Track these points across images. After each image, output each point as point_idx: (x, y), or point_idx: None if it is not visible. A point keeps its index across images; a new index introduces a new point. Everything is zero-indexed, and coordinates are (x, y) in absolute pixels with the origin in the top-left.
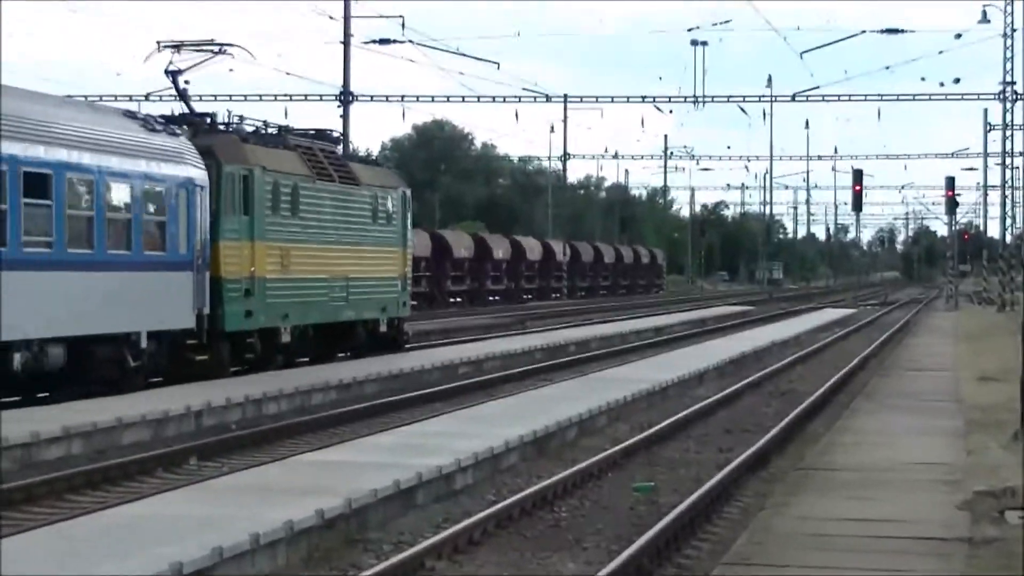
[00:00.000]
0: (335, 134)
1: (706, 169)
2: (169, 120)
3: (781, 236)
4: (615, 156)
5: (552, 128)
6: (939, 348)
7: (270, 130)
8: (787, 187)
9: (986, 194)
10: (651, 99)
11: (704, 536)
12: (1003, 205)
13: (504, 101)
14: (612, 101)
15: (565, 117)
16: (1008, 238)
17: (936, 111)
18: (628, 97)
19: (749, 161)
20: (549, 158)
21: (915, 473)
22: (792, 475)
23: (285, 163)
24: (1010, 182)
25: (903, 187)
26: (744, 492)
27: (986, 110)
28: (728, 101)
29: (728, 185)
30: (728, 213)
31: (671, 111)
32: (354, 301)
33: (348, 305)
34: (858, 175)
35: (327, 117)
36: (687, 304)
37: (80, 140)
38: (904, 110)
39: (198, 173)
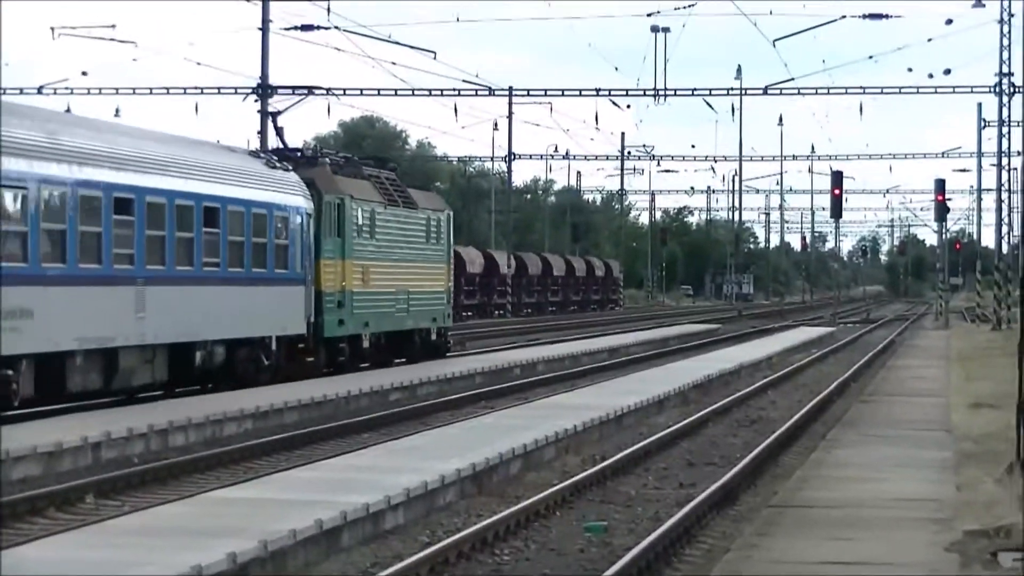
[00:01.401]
0: (391, 164)
1: (668, 171)
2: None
3: (751, 246)
4: (566, 156)
5: (496, 125)
6: (927, 371)
7: (334, 158)
8: (758, 191)
9: (980, 198)
10: (606, 92)
11: None
12: (999, 211)
13: (442, 95)
14: (562, 95)
15: (510, 113)
16: (1004, 248)
17: (925, 106)
18: (580, 90)
19: (716, 162)
20: (492, 158)
21: (900, 510)
22: (763, 513)
23: (365, 191)
24: (1007, 185)
25: (888, 191)
26: (709, 532)
27: (980, 104)
28: (692, 95)
29: (692, 189)
30: (692, 220)
31: (628, 106)
32: (413, 312)
33: (409, 315)
34: (837, 177)
35: (242, 112)
36: (646, 322)
37: (234, 179)
38: (889, 105)
39: (307, 203)
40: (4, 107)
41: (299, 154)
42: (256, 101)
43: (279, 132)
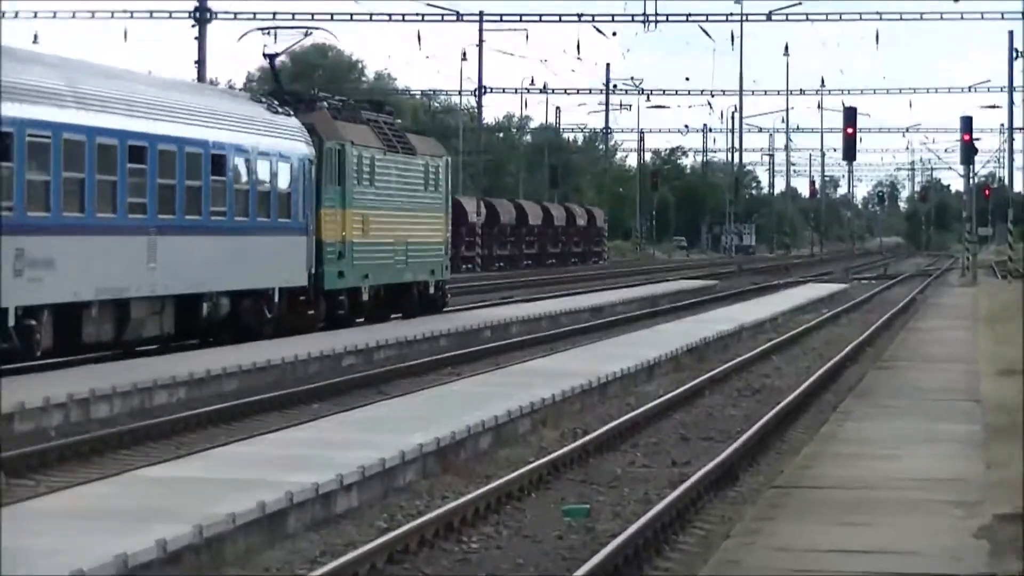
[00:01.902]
0: (387, 108)
1: (659, 107)
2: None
3: (753, 192)
4: (543, 90)
5: (464, 55)
6: (952, 333)
7: (332, 102)
8: (761, 129)
9: (1011, 138)
10: (589, 18)
11: (653, 574)
12: None
13: (403, 20)
14: (540, 20)
15: (480, 41)
16: None
17: (949, 34)
18: (560, 16)
19: (713, 97)
20: (460, 92)
21: (921, 492)
22: (767, 495)
23: (364, 137)
24: None
25: (907, 130)
26: (705, 517)
27: (1011, 32)
28: (687, 21)
29: (687, 127)
30: (687, 162)
31: (614, 33)
32: (412, 264)
33: (408, 267)
34: (851, 114)
35: (178, 38)
36: (634, 277)
37: (239, 125)
38: (909, 33)
39: (308, 149)
40: (25, 54)
41: (297, 98)
42: (193, 27)
43: (276, 75)
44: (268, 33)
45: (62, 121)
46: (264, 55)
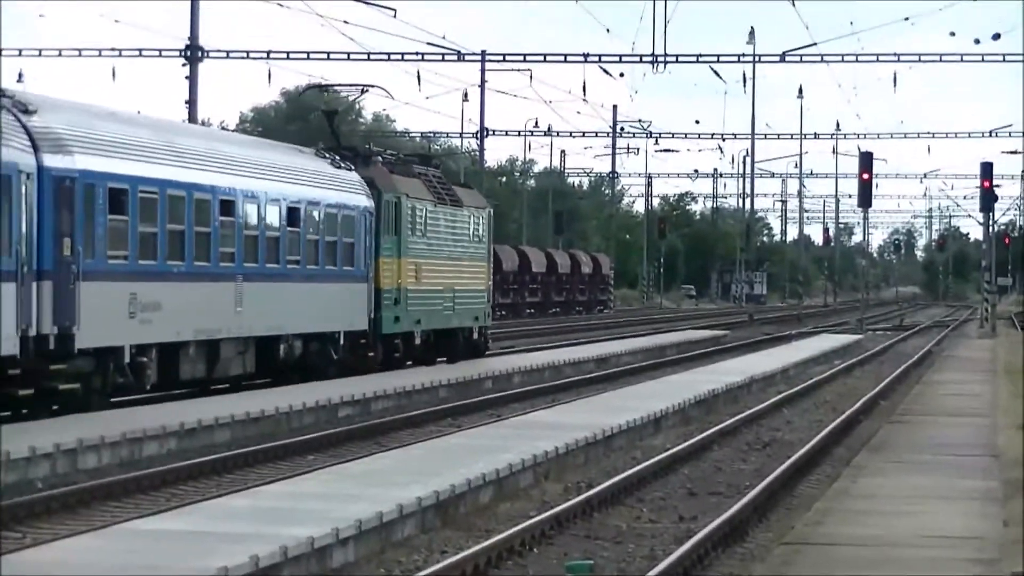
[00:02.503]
0: (435, 161)
1: (667, 150)
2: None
3: (765, 239)
4: (548, 133)
5: (466, 96)
6: (970, 387)
7: (386, 157)
8: (773, 175)
9: None
10: (595, 58)
11: None
12: None
13: (403, 59)
14: (544, 60)
15: (483, 81)
16: None
17: (969, 76)
18: (565, 55)
19: (724, 140)
20: (461, 135)
21: (937, 549)
22: (776, 552)
23: (417, 190)
24: None
25: (925, 175)
26: (713, 573)
27: None
28: (697, 61)
29: (696, 172)
30: (696, 208)
31: (622, 74)
32: (459, 310)
33: (455, 314)
34: (867, 159)
35: (168, 77)
36: (641, 327)
37: (310, 180)
38: (928, 75)
39: (368, 202)
40: (127, 116)
41: (354, 152)
42: (184, 66)
43: (335, 131)
44: (325, 91)
45: (166, 178)
46: (322, 111)
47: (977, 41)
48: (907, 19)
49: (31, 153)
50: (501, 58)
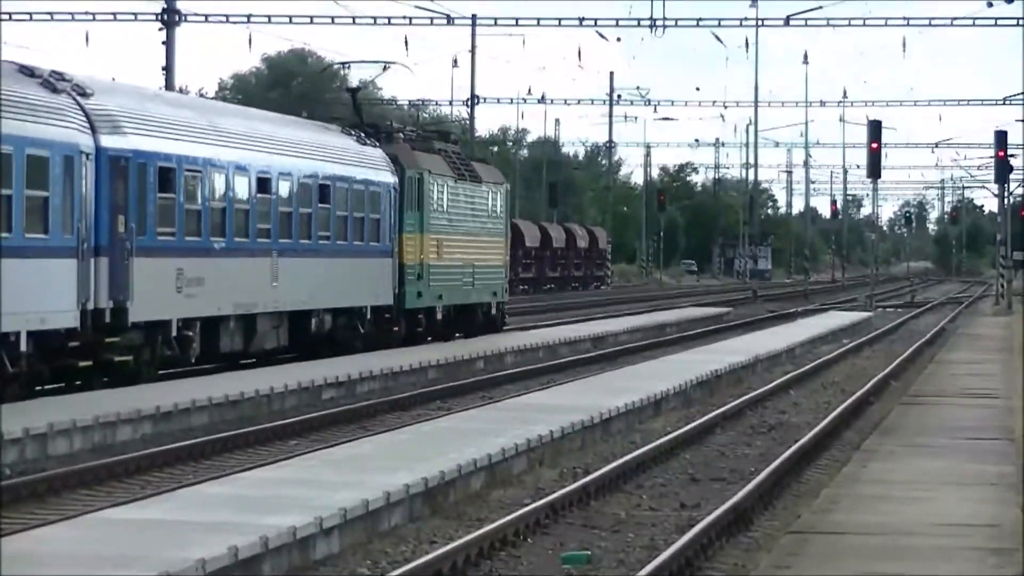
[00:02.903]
0: (452, 137)
1: (667, 119)
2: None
3: (769, 212)
4: (541, 100)
5: (456, 62)
6: (985, 367)
7: (407, 133)
8: (778, 144)
9: None
10: (591, 22)
11: None
12: None
13: (389, 23)
14: (538, 24)
15: (473, 47)
16: None
17: (982, 41)
18: (559, 19)
19: (726, 108)
20: (451, 102)
21: (951, 538)
22: (783, 541)
23: (439, 166)
24: None
25: (937, 145)
26: (717, 564)
27: None
28: (697, 25)
29: (697, 141)
30: (697, 180)
31: (618, 39)
32: (478, 286)
33: (474, 289)
34: (875, 128)
35: (144, 42)
36: (640, 304)
37: (339, 157)
38: (939, 40)
39: (393, 178)
40: (172, 98)
41: (376, 130)
42: (161, 31)
43: (358, 108)
44: (347, 68)
45: (209, 157)
46: (347, 90)
47: (990, 4)
48: None
49: (89, 134)
50: (492, 22)
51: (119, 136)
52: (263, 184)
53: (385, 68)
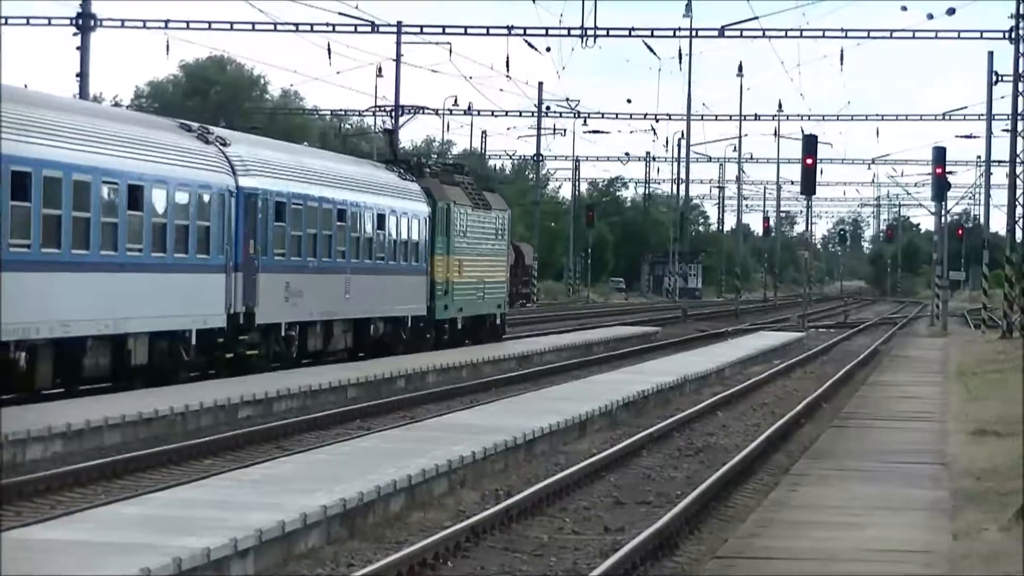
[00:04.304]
0: (465, 169)
1: (597, 131)
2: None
3: (700, 228)
4: (468, 111)
5: (379, 71)
6: (919, 389)
7: (432, 167)
8: (711, 159)
9: (988, 172)
10: (520, 31)
11: None
12: (1012, 189)
13: (312, 31)
14: (465, 33)
15: (398, 55)
16: (1019, 235)
17: (921, 55)
18: (488, 28)
19: (657, 121)
20: (375, 112)
21: (882, 564)
22: (709, 565)
23: (460, 197)
24: (1023, 156)
25: (873, 161)
26: None
27: (991, 54)
28: (629, 35)
29: (627, 155)
30: (627, 195)
31: (548, 49)
32: (487, 299)
33: (484, 302)
34: (811, 143)
35: (58, 48)
36: (566, 323)
37: (389, 191)
38: (877, 53)
39: (426, 208)
40: (275, 144)
41: (407, 165)
42: (75, 35)
43: (393, 146)
44: (387, 112)
45: (306, 192)
46: (384, 131)
47: (930, 16)
48: None
49: (231, 176)
50: (418, 30)
51: (250, 177)
52: (341, 214)
53: (421, 112)
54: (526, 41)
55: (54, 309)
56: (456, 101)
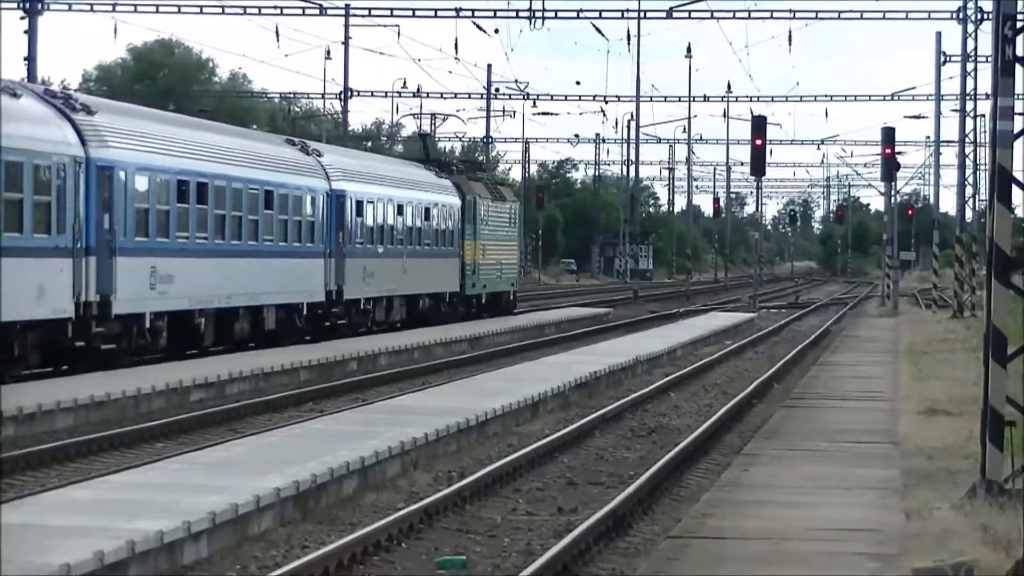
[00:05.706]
0: (482, 165)
1: (546, 113)
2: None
3: (651, 210)
4: (417, 94)
5: (328, 53)
6: (870, 369)
7: (457, 166)
8: (660, 140)
9: (939, 152)
10: (468, 13)
11: None
12: (961, 169)
13: (260, 14)
14: (413, 15)
15: (347, 38)
16: (968, 214)
17: (870, 36)
18: (436, 10)
19: (607, 103)
20: (324, 95)
21: (834, 543)
22: (662, 546)
23: (482, 191)
24: (971, 136)
25: (823, 141)
26: (595, 569)
27: (939, 34)
28: (578, 17)
29: (577, 137)
30: (577, 176)
31: (496, 31)
32: (503, 278)
33: (501, 281)
34: (760, 124)
35: (5, 31)
36: (518, 304)
37: (430, 188)
38: (826, 34)
39: (459, 201)
40: (341, 150)
41: (438, 163)
42: (23, 19)
43: (427, 149)
44: (417, 116)
45: (375, 192)
46: (419, 135)
47: None
48: None
49: (326, 181)
50: (366, 12)
51: (337, 182)
52: (400, 208)
53: (444, 119)
54: (474, 23)
55: (222, 285)
56: (405, 83)
